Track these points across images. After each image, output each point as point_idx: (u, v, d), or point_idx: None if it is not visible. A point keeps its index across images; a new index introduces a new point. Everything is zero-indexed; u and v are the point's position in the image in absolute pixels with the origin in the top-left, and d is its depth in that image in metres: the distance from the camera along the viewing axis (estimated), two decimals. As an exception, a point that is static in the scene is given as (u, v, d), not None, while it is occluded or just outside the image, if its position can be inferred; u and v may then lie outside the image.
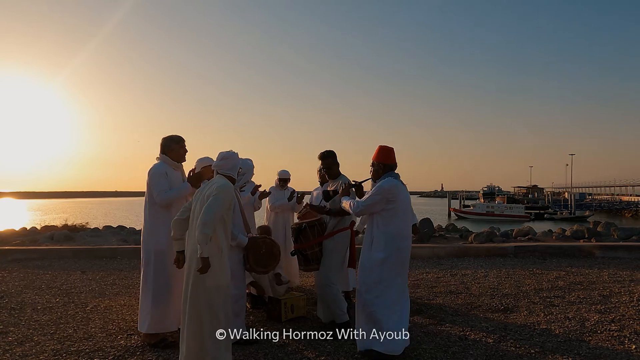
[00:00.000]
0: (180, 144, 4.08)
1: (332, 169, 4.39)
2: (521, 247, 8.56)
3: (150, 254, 3.88)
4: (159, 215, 3.90)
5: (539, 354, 3.66)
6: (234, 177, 3.46)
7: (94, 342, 3.96)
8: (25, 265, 7.59)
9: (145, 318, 3.85)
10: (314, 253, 4.22)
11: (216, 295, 3.15)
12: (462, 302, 5.21)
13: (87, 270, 7.23)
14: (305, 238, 4.22)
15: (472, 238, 9.71)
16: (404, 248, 3.60)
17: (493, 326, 4.35)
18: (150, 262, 3.88)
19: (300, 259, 4.33)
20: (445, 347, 3.80)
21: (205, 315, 3.12)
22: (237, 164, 3.49)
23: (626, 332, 4.16)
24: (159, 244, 3.87)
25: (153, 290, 3.85)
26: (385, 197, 3.54)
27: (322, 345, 3.87)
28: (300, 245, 4.24)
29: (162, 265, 3.87)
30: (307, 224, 4.22)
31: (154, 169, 3.95)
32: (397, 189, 3.58)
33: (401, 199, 3.59)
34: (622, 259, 7.95)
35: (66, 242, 9.71)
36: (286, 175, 5.86)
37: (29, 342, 3.96)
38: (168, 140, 4.05)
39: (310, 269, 4.35)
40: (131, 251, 8.44)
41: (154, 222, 3.91)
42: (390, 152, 3.73)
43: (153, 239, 3.88)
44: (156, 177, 3.90)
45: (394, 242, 3.55)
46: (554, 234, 10.54)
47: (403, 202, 3.61)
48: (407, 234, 3.67)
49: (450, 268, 7.29)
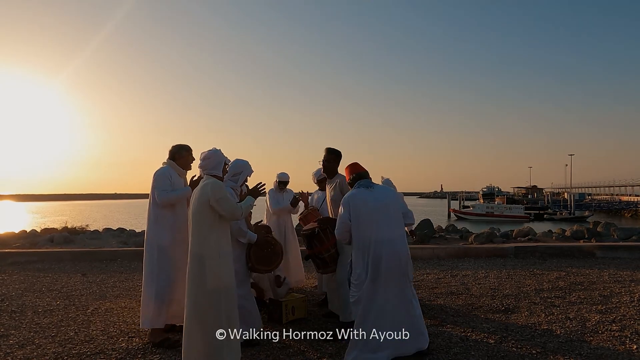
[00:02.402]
0: (190, 152, 4.26)
1: (330, 164, 4.45)
2: (521, 247, 8.56)
3: (154, 250, 3.99)
4: (163, 215, 4.03)
5: (540, 355, 3.66)
6: (219, 175, 3.44)
7: (95, 344, 3.96)
8: (25, 268, 7.59)
9: (148, 314, 3.91)
10: (330, 255, 4.21)
11: (217, 297, 3.13)
12: (462, 303, 5.21)
13: (87, 272, 7.22)
14: (320, 242, 4.20)
15: (472, 239, 9.71)
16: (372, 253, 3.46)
17: (494, 327, 4.36)
18: (154, 257, 3.98)
19: (318, 263, 4.30)
20: (447, 348, 3.80)
21: (206, 317, 3.10)
22: (220, 161, 3.44)
23: (627, 332, 4.16)
24: (161, 241, 3.99)
25: (157, 286, 3.93)
26: (346, 209, 3.56)
27: (324, 346, 3.87)
28: (316, 250, 4.22)
29: (165, 261, 3.98)
30: (319, 229, 4.20)
31: (160, 171, 4.10)
32: (351, 200, 3.58)
33: (357, 209, 3.53)
34: (622, 259, 7.96)
35: (66, 244, 9.70)
36: (285, 178, 5.85)
37: (30, 345, 3.96)
38: (179, 148, 4.22)
39: (329, 271, 4.33)
40: (131, 253, 8.43)
41: (159, 221, 4.02)
42: (351, 167, 3.82)
43: (156, 236, 4.01)
44: (160, 178, 4.05)
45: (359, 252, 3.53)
46: (554, 234, 10.54)
47: (360, 211, 3.52)
48: (368, 241, 3.48)
49: (451, 269, 7.29)
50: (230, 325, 3.19)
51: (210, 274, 3.11)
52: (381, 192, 3.67)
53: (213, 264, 3.12)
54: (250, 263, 4.04)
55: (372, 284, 3.45)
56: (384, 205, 3.58)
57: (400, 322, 3.49)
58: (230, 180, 4.04)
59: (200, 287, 3.12)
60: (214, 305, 3.12)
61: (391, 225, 3.57)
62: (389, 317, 3.46)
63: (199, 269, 3.13)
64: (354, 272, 3.58)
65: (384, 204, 3.58)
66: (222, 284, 3.16)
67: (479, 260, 8.04)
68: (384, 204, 3.58)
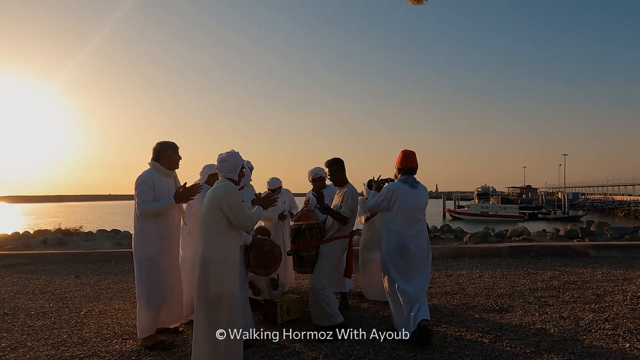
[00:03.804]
0: (175, 150, 4.03)
1: (337, 176, 4.35)
2: (516, 247, 8.60)
3: (141, 262, 3.88)
4: (148, 224, 3.87)
5: (534, 354, 3.68)
6: (235, 179, 3.33)
7: (88, 347, 3.93)
8: (18, 270, 7.52)
9: (142, 325, 3.87)
10: (309, 256, 4.23)
11: (219, 303, 3.09)
12: (457, 303, 5.23)
13: (81, 274, 7.17)
14: (303, 240, 4.22)
15: (467, 239, 9.75)
16: (401, 244, 3.98)
17: (489, 326, 4.37)
18: (141, 269, 3.88)
19: (296, 260, 4.34)
20: (442, 348, 3.81)
21: (208, 321, 3.09)
22: (237, 164, 3.34)
23: (620, 330, 4.19)
24: (148, 251, 3.86)
25: (147, 296, 3.86)
26: (387, 197, 4.02)
27: (319, 347, 3.86)
28: (297, 247, 4.25)
29: (153, 271, 3.87)
30: (306, 226, 4.22)
31: (141, 178, 3.88)
32: (397, 192, 4.00)
33: (400, 201, 3.98)
34: (615, 258, 8.02)
35: (59, 246, 9.63)
36: (276, 184, 5.66)
37: (23, 347, 3.92)
38: (163, 146, 3.98)
39: (303, 270, 4.36)
40: (126, 255, 8.38)
41: (143, 229, 3.87)
42: (409, 156, 4.14)
43: (142, 246, 3.87)
44: (141, 187, 3.82)
45: (394, 239, 3.99)
46: (548, 233, 10.61)
47: (402, 203, 3.98)
48: (406, 232, 3.98)
49: (446, 269, 7.31)
50: (231, 327, 3.14)
51: (214, 280, 3.06)
52: (422, 193, 4.14)
53: (217, 270, 3.07)
54: (250, 267, 4.02)
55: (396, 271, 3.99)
56: (423, 205, 4.14)
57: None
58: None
59: (203, 292, 3.10)
60: (216, 310, 3.09)
61: (422, 220, 4.12)
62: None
63: (203, 273, 3.10)
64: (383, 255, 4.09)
65: (423, 205, 4.14)
66: (225, 290, 3.10)
67: (474, 260, 8.07)
68: (423, 205, 4.14)
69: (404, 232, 3.98)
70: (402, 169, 4.14)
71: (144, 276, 3.86)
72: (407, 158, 4.14)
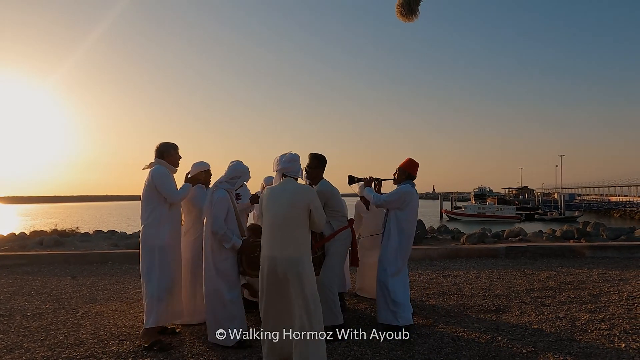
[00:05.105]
0: (177, 150, 4.26)
1: (313, 171, 4.25)
2: (512, 247, 8.63)
3: (155, 250, 3.97)
4: (161, 213, 4.02)
5: (531, 354, 3.69)
6: (301, 178, 3.57)
7: (85, 348, 3.92)
8: (14, 271, 7.49)
9: (152, 312, 3.89)
10: (316, 257, 4.17)
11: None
12: (454, 303, 5.24)
13: (77, 275, 7.15)
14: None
15: (464, 239, 9.76)
16: (409, 242, 4.39)
17: (485, 327, 4.39)
18: (154, 258, 3.96)
19: None
20: (439, 348, 3.82)
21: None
22: (299, 166, 3.53)
23: (616, 330, 4.21)
24: (162, 240, 3.99)
25: (158, 285, 3.93)
26: (402, 198, 4.28)
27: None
28: None
29: (166, 260, 4.00)
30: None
31: (159, 170, 4.05)
32: (412, 195, 4.32)
33: (412, 204, 4.34)
34: (611, 259, 8.06)
35: (56, 247, 9.59)
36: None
37: (19, 349, 3.91)
38: (167, 146, 4.20)
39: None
40: (122, 256, 8.36)
41: (157, 220, 4.01)
42: (415, 166, 4.48)
43: (155, 236, 3.99)
44: (164, 178, 4.03)
45: (405, 237, 4.32)
46: (545, 234, 10.64)
47: (414, 206, 4.36)
48: (413, 231, 4.41)
49: (443, 269, 7.33)
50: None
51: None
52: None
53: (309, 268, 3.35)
54: (242, 267, 4.03)
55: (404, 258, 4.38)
56: (418, 206, 4.52)
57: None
58: (226, 182, 4.04)
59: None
60: None
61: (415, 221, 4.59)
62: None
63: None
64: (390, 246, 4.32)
65: (418, 206, 4.53)
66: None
67: (471, 260, 8.09)
68: (418, 206, 4.53)
69: (411, 233, 4.36)
70: (409, 174, 4.44)
71: (156, 265, 3.96)
72: (415, 166, 4.48)
